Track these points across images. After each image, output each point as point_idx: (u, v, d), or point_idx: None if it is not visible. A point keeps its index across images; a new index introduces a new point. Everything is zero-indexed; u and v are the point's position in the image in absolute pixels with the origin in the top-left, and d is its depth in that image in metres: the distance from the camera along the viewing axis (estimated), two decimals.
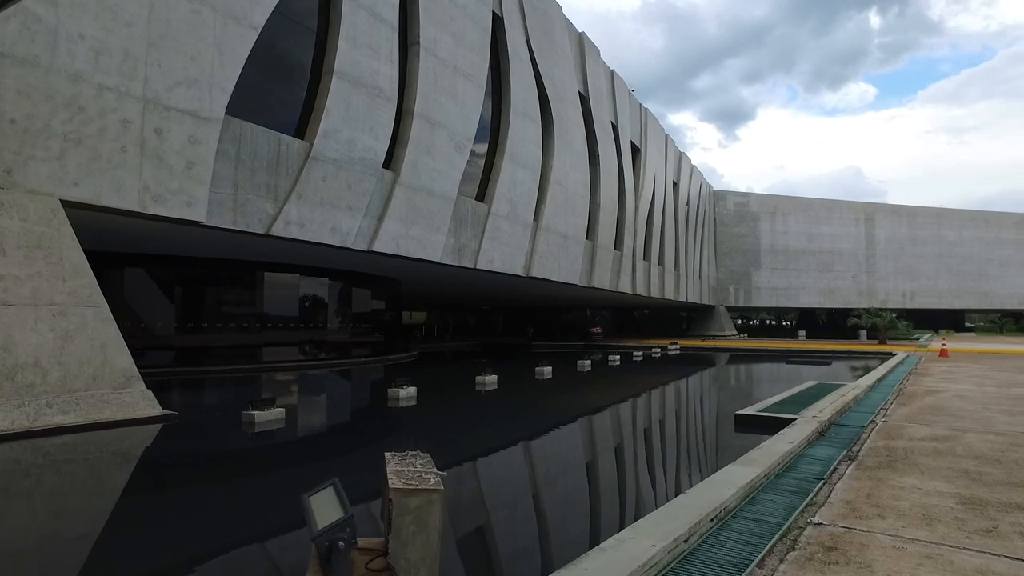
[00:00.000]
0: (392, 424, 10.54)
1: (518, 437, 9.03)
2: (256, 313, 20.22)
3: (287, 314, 21.03)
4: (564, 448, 8.59)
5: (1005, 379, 14.27)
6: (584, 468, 7.37)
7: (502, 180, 21.30)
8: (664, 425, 10.37)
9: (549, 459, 7.85)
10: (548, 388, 15.84)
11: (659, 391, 16.20)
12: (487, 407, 12.75)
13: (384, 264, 19.55)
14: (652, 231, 37.76)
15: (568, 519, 5.48)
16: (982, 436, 7.03)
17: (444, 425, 10.25)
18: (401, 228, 16.70)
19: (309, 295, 21.84)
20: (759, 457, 5.38)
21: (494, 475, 7.07)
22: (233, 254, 18.02)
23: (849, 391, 10.56)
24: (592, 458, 7.90)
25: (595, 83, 29.52)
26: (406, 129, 17.09)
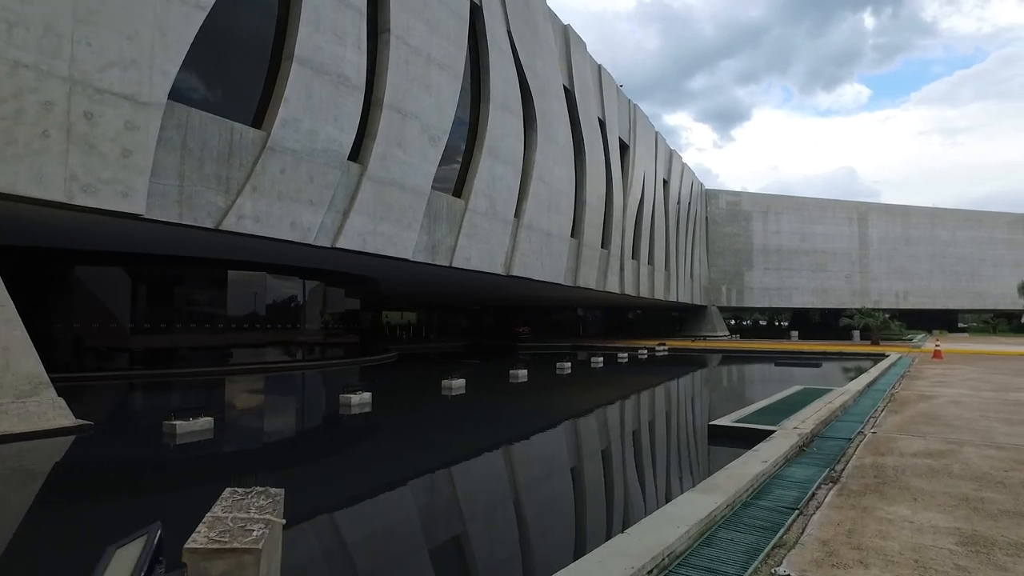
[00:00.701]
0: (333, 436, 9.71)
1: (465, 453, 8.07)
2: (224, 313, 19.36)
3: (256, 315, 20.17)
4: (508, 469, 7.57)
5: (1001, 382, 13.54)
6: (525, 495, 6.38)
7: (480, 175, 20.48)
8: (629, 439, 9.42)
9: (488, 481, 6.85)
10: (519, 393, 15.01)
11: (634, 397, 15.23)
12: (446, 416, 11.84)
13: (359, 263, 18.72)
14: (641, 230, 37.00)
15: (488, 564, 4.65)
16: (982, 451, 6.26)
17: (391, 437, 9.34)
18: (369, 224, 15.86)
19: (280, 295, 20.97)
20: (724, 482, 4.58)
21: (421, 499, 6.22)
22: (200, 252, 17.16)
23: (836, 397, 9.79)
24: (538, 483, 6.88)
25: (581, 77, 28.74)
26: (375, 120, 16.26)
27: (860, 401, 10.13)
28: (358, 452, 8.30)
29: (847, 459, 5.93)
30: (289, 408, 13.69)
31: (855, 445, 6.59)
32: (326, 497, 5.94)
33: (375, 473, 6.92)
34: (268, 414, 12.50)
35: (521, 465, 7.66)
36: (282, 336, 20.71)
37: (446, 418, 11.57)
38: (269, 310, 20.42)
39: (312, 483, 6.50)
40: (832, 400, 9.44)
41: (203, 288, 19.10)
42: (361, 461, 7.64)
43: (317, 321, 22.33)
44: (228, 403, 13.74)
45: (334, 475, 6.87)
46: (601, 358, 22.34)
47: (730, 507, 4.19)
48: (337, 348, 23.09)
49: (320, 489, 6.26)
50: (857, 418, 8.30)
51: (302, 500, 5.82)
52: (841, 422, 7.98)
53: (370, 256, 16.57)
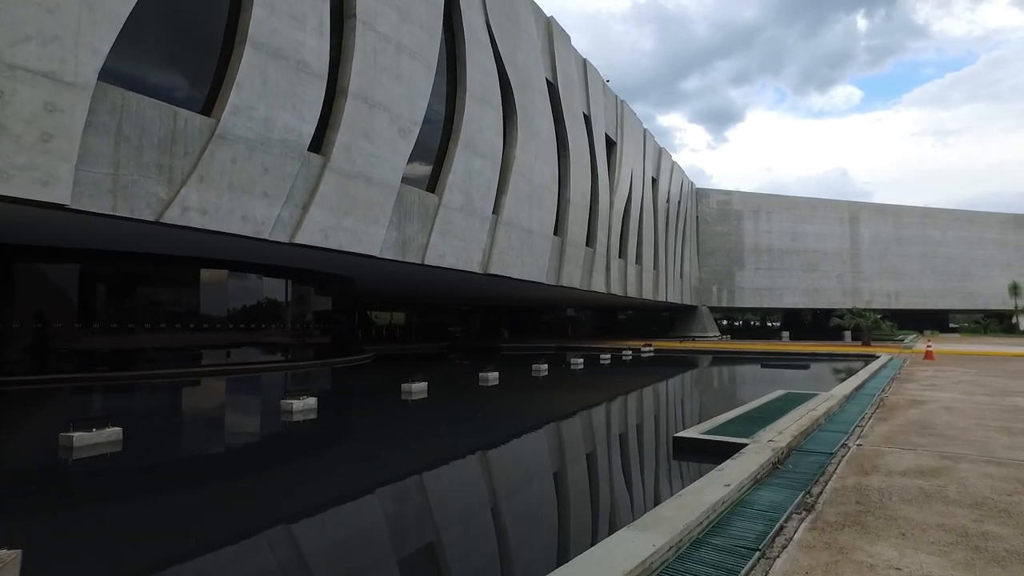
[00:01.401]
0: (257, 448, 8.79)
1: (395, 472, 7.04)
2: (184, 313, 18.48)
3: (219, 315, 19.31)
4: (437, 494, 6.36)
5: (996, 386, 12.81)
6: (448, 529, 5.31)
7: (455, 169, 19.65)
8: (579, 457, 8.30)
9: (415, 512, 5.72)
10: (484, 398, 14.12)
11: (603, 405, 14.11)
12: (394, 424, 10.90)
13: (326, 260, 17.88)
14: (629, 228, 36.26)
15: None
16: (980, 468, 5.47)
17: (324, 451, 8.39)
18: (331, 218, 15.00)
19: (245, 294, 20.07)
20: (672, 514, 3.77)
21: (334, 532, 5.36)
22: (155, 248, 16.29)
23: (821, 403, 9.00)
24: (470, 510, 5.80)
25: (565, 70, 27.96)
26: (339, 110, 15.42)
27: (846, 407, 9.36)
28: (278, 470, 7.33)
29: (826, 479, 5.13)
30: (222, 415, 12.62)
31: (837, 461, 5.79)
32: (210, 532, 5.06)
33: (286, 500, 5.99)
34: (195, 422, 11.47)
35: (463, 487, 6.73)
36: (247, 337, 19.81)
37: (393, 427, 10.62)
38: (233, 310, 19.54)
39: (206, 508, 5.66)
40: (816, 407, 8.65)
41: (161, 287, 18.22)
42: (276, 482, 6.71)
43: (286, 321, 21.45)
44: (157, 410, 12.84)
45: (234, 499, 5.99)
46: (582, 360, 21.52)
47: (675, 549, 3.37)
48: (308, 349, 22.22)
49: (209, 520, 5.39)
50: (842, 428, 7.52)
51: (179, 534, 4.97)
52: (824, 432, 7.19)
53: (334, 253, 15.73)
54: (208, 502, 5.93)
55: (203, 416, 12.36)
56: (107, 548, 4.64)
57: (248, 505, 5.78)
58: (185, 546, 4.72)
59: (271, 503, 5.84)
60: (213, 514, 5.59)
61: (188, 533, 4.99)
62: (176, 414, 12.47)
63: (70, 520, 5.37)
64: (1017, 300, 61.42)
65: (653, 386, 18.01)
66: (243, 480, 6.85)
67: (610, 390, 16.73)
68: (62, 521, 5.35)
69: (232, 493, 6.27)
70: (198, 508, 5.70)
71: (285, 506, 5.72)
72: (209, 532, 5.04)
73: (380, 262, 17.66)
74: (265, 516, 5.39)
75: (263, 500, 5.96)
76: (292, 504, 5.81)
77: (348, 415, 12.15)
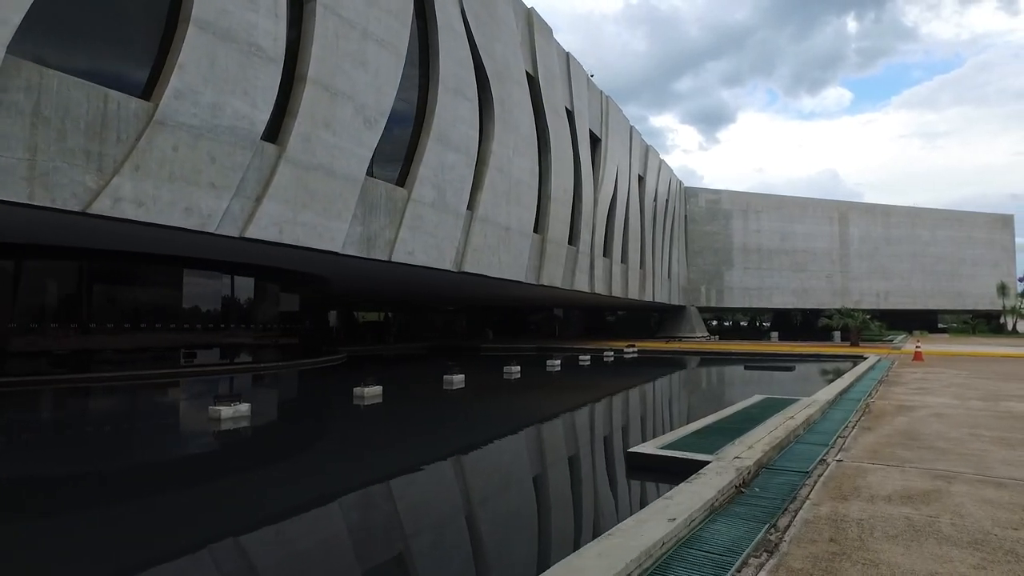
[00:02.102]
0: (160, 461, 7.85)
1: (308, 496, 6.05)
2: (143, 313, 17.56)
3: (180, 314, 18.38)
4: (322, 524, 5.37)
5: (989, 389, 12.09)
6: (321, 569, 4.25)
7: (427, 163, 18.79)
8: (520, 477, 7.07)
9: (308, 548, 4.61)
10: (443, 404, 13.26)
11: (567, 412, 12.74)
12: (331, 434, 9.98)
13: (286, 256, 16.97)
14: (614, 226, 35.48)
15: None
16: (978, 490, 4.68)
17: (244, 463, 7.47)
18: (287, 212, 14.11)
19: (207, 292, 19.13)
20: (591, 563, 2.94)
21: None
22: (107, 244, 15.33)
23: (800, 410, 8.22)
24: (358, 545, 4.84)
25: (546, 64, 27.16)
26: (297, 97, 14.53)
27: (829, 414, 8.58)
28: (180, 488, 6.45)
29: (797, 507, 4.32)
30: (139, 423, 11.40)
31: (812, 481, 4.99)
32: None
33: (171, 529, 5.12)
34: (101, 432, 10.21)
35: (369, 521, 5.69)
36: (208, 338, 18.87)
37: (327, 437, 9.66)
38: (193, 310, 18.59)
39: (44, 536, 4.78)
40: (794, 414, 7.86)
41: (105, 284, 17.28)
42: (171, 506, 5.82)
43: (250, 321, 20.52)
44: (56, 419, 11.81)
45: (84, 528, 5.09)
46: (559, 361, 20.68)
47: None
48: (275, 350, 21.28)
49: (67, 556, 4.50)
50: (821, 439, 6.73)
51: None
52: (801, 445, 6.39)
53: (291, 248, 14.84)
54: (54, 528, 5.03)
55: (111, 425, 11.06)
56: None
57: (101, 538, 4.87)
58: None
59: (135, 534, 4.94)
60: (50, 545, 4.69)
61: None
62: (76, 423, 11.31)
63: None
64: (1005, 300, 61.26)
65: (625, 391, 16.90)
66: (139, 499, 5.95)
67: (579, 394, 15.82)
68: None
69: (90, 519, 5.36)
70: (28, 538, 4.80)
71: (155, 542, 4.83)
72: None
73: (345, 259, 16.79)
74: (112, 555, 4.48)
75: (126, 530, 5.06)
76: (165, 534, 4.93)
77: (284, 422, 11.21)
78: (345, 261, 17.49)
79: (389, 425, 10.78)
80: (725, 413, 7.97)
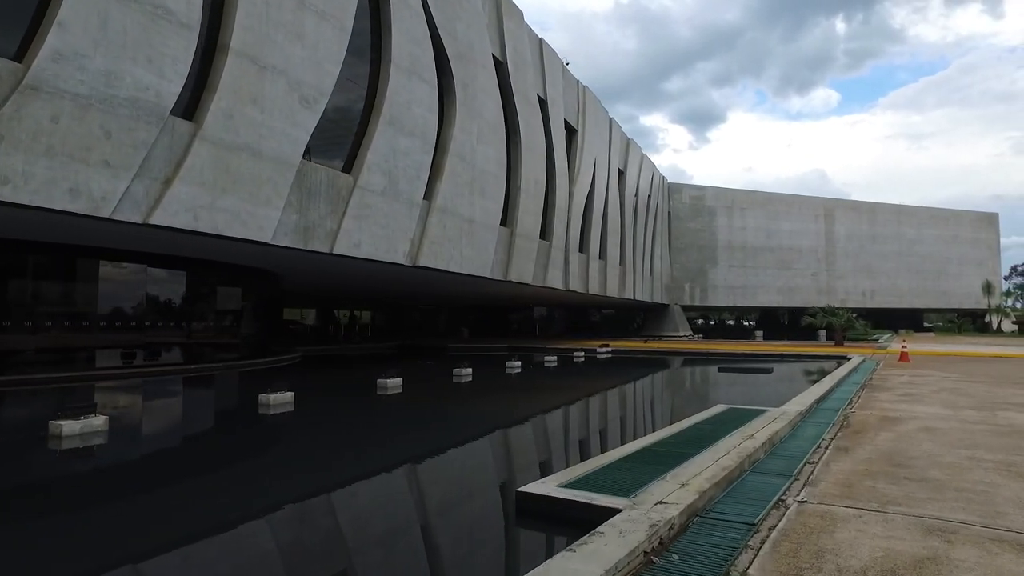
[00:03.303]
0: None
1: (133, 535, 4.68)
2: (70, 311, 16.05)
3: (110, 312, 16.86)
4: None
5: (982, 395, 10.79)
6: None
7: (376, 148, 17.29)
8: (375, 525, 5.15)
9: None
10: (358, 415, 11.75)
11: (491, 430, 10.27)
12: (203, 454, 8.44)
13: (217, 248, 15.43)
14: (591, 221, 34.09)
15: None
16: (991, 556, 3.28)
17: (40, 504, 5.84)
18: (204, 196, 12.56)
19: (127, 287, 17.54)
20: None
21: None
22: (35, 235, 13.76)
23: (764, 426, 6.83)
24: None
25: (516, 49, 25.70)
26: (218, 70, 12.99)
27: (799, 430, 7.20)
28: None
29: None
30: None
31: (758, 542, 3.57)
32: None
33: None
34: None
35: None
36: (124, 338, 17.30)
37: (195, 460, 8.01)
38: (130, 307, 17.08)
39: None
40: (756, 431, 6.47)
41: (46, 280, 15.82)
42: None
43: (195, 319, 19.01)
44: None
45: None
46: (519, 363, 19.21)
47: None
48: (211, 350, 19.71)
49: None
50: (784, 466, 5.33)
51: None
52: (757, 476, 4.99)
53: (213, 238, 13.31)
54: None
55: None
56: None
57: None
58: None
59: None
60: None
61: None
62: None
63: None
64: (990, 299, 60.68)
65: (574, 400, 14.59)
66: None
67: (520, 404, 13.82)
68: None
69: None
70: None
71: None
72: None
73: (280, 251, 15.29)
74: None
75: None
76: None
77: (150, 440, 9.61)
78: (282, 253, 15.99)
79: (287, 442, 9.30)
80: (672, 430, 6.55)
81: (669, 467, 4.82)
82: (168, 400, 14.64)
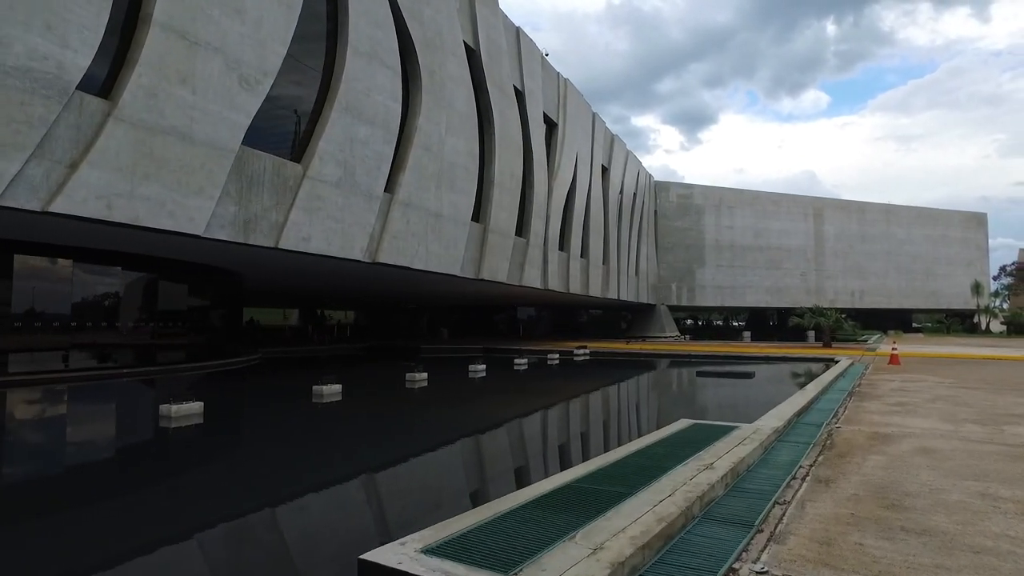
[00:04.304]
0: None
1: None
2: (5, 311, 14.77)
3: (50, 312, 15.56)
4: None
5: (983, 406, 9.67)
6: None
7: (330, 136, 16.04)
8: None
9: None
10: (272, 431, 10.47)
11: (413, 458, 8.34)
12: (87, 470, 7.20)
13: (144, 241, 14.15)
14: (572, 219, 32.91)
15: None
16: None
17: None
18: (120, 183, 11.26)
19: (87, 287, 16.37)
20: None
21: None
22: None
23: (730, 449, 5.64)
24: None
25: (490, 37, 24.49)
26: (139, 43, 11.69)
27: (772, 453, 6.02)
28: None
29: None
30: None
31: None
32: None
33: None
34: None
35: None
36: (90, 337, 16.05)
37: (98, 471, 6.90)
38: (73, 306, 15.81)
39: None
40: (718, 457, 5.28)
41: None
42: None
43: (145, 319, 17.76)
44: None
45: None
46: (483, 367, 17.93)
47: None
48: (173, 351, 18.46)
49: None
50: (745, 511, 4.14)
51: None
52: (704, 527, 3.79)
53: (134, 229, 12.00)
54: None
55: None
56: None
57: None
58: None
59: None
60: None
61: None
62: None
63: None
64: (979, 299, 60.06)
65: (522, 414, 12.56)
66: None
67: (464, 416, 12.03)
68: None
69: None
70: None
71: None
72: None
73: (216, 245, 14.01)
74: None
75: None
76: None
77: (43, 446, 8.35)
78: (223, 248, 14.72)
79: (177, 460, 8.04)
80: (614, 456, 5.33)
81: (589, 517, 3.61)
82: (58, 409, 13.10)
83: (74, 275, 16.15)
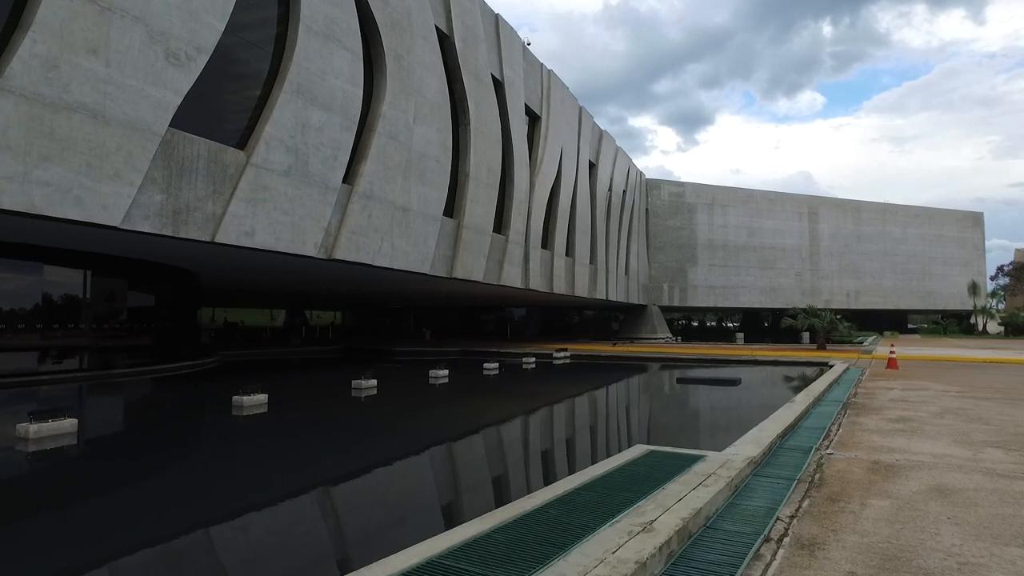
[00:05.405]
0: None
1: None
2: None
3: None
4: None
5: (1001, 421, 8.33)
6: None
7: (279, 121, 14.65)
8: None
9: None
10: (167, 452, 8.88)
11: (315, 492, 6.90)
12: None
13: (69, 234, 12.74)
14: (556, 216, 31.52)
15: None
16: None
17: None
18: (11, 165, 9.84)
19: (28, 286, 14.92)
20: None
21: None
22: None
23: (684, 495, 4.27)
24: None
25: (466, 23, 23.12)
26: (33, 7, 10.27)
27: (744, 496, 4.66)
28: None
29: None
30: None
31: None
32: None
33: None
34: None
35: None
36: (32, 339, 14.67)
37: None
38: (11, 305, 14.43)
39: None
40: (665, 509, 3.92)
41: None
42: None
43: (93, 320, 16.42)
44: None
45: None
46: (445, 372, 16.47)
47: None
48: (123, 353, 17.13)
49: None
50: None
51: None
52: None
53: (34, 219, 10.59)
54: None
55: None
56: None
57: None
58: None
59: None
60: None
61: None
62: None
63: None
64: (976, 300, 58.95)
65: (457, 435, 10.47)
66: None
67: (383, 442, 9.67)
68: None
69: None
70: None
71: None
72: None
73: (136, 237, 12.60)
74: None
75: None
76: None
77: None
78: (153, 242, 13.31)
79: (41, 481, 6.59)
80: (526, 506, 3.94)
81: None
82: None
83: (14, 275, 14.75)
